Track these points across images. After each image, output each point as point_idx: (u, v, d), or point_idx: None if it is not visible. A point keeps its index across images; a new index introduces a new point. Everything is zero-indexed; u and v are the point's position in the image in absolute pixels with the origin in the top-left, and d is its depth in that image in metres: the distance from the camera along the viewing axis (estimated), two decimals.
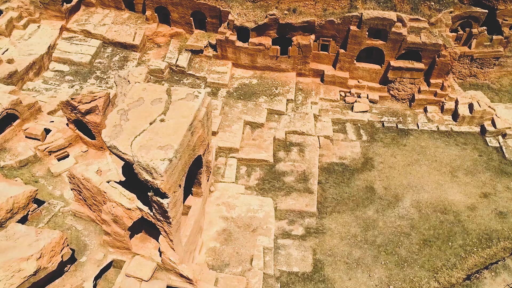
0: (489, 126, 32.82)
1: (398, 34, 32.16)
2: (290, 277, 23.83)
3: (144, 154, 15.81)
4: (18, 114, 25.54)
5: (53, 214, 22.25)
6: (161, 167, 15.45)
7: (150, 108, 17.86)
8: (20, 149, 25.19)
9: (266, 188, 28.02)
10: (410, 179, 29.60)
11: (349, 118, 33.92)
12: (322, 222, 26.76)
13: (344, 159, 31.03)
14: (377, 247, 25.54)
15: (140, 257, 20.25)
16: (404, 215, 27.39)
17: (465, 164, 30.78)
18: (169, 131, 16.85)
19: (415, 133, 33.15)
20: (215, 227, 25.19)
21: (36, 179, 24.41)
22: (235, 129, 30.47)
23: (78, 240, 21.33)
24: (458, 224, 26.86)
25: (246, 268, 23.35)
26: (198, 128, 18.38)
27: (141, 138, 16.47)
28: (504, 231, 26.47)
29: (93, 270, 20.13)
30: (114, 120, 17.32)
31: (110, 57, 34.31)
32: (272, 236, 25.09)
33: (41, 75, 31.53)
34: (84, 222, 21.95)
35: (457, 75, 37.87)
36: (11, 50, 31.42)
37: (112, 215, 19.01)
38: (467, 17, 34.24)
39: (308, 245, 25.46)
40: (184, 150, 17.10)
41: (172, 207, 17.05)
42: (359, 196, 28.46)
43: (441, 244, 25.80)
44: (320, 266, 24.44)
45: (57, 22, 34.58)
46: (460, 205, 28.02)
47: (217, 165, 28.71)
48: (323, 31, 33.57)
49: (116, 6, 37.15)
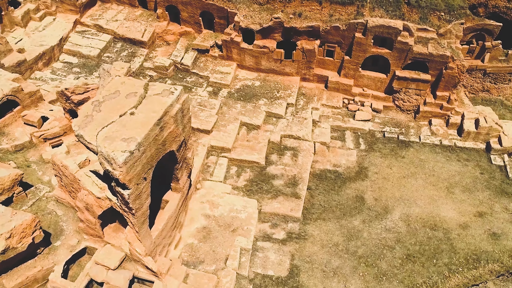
0: (495, 144, 31.51)
1: (404, 44, 31.47)
2: (264, 280, 23.72)
3: (107, 145, 16.26)
4: (18, 101, 26.76)
5: (37, 198, 23.19)
6: (120, 158, 15.84)
7: (124, 101, 18.33)
8: (18, 134, 26.39)
9: (254, 190, 28.04)
10: (403, 192, 28.84)
11: (350, 126, 33.41)
12: (305, 228, 26.50)
13: (338, 166, 30.61)
14: (358, 258, 25.03)
15: (110, 246, 20.78)
16: (391, 228, 26.72)
17: (464, 181, 29.68)
18: (136, 124, 17.25)
19: (416, 146, 32.28)
20: (196, 224, 25.44)
21: (29, 164, 25.49)
22: (230, 129, 30.67)
23: (56, 225, 22.13)
24: (446, 242, 25.94)
25: (219, 267, 23.45)
26: (169, 124, 18.69)
27: (108, 130, 16.93)
28: (494, 253, 25.34)
29: (66, 254, 20.84)
30: (87, 110, 17.90)
31: (118, 52, 35.34)
32: (251, 238, 25.09)
33: (50, 66, 32.89)
34: (65, 208, 22.74)
35: (468, 89, 36.61)
36: (25, 40, 32.96)
37: (85, 202, 19.61)
38: (479, 29, 33.10)
39: (287, 249, 25.27)
40: (150, 144, 17.43)
41: (134, 198, 17.41)
42: (347, 205, 28.00)
43: (425, 260, 24.99)
44: (296, 272, 24.19)
45: (71, 16, 35.99)
46: (451, 222, 27.04)
47: (208, 163, 29.00)
48: (329, 37, 33.30)
49: (130, 3, 38.24)
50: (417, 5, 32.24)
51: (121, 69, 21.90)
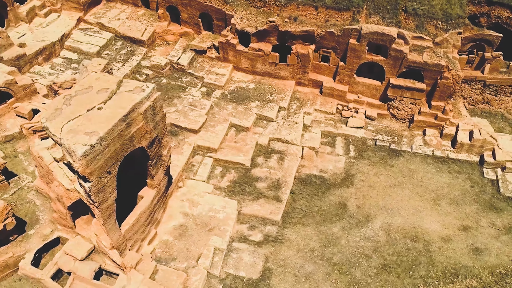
0: (488, 157, 30.72)
1: (398, 51, 31.08)
2: (235, 281, 23.78)
3: (69, 138, 16.72)
4: (12, 93, 27.71)
5: (19, 187, 23.97)
6: (80, 150, 16.26)
7: (94, 97, 18.78)
8: (9, 125, 27.35)
9: (236, 191, 28.17)
10: (388, 201, 28.44)
11: (341, 132, 33.16)
12: (283, 232, 26.44)
13: (324, 172, 30.43)
14: (332, 265, 24.80)
15: (80, 237, 21.26)
16: (371, 236, 26.37)
17: (452, 193, 29.04)
18: (101, 119, 17.67)
19: (407, 155, 31.78)
20: (174, 222, 25.74)
21: (16, 154, 26.37)
22: (218, 130, 30.92)
23: (33, 214, 22.81)
24: (425, 254, 25.43)
25: (191, 265, 23.66)
26: (138, 120, 19.04)
27: (73, 123, 17.40)
28: (474, 268, 24.68)
29: (38, 243, 21.45)
30: (57, 103, 18.44)
31: (118, 50, 36.14)
32: (226, 238, 25.21)
33: (50, 61, 33.91)
34: (43, 198, 23.42)
35: (468, 100, 35.79)
36: (28, 35, 34.11)
37: (56, 193, 20.16)
38: (479, 39, 32.36)
39: (262, 252, 25.26)
40: (114, 139, 17.81)
41: (97, 191, 17.81)
42: (329, 211, 27.79)
43: (401, 271, 24.56)
44: (268, 275, 24.16)
45: (75, 14, 37.04)
46: (434, 234, 26.49)
47: (192, 162, 29.31)
48: (324, 42, 33.21)
49: (134, 2, 39.08)
50: (414, 13, 31.83)
51: (98, 65, 22.45)
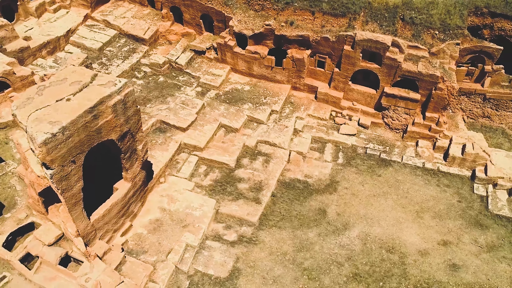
0: (480, 172, 29.82)
1: (392, 60, 30.71)
2: (203, 278, 24.00)
3: (33, 126, 17.45)
4: (9, 83, 29.00)
5: (4, 172, 25.04)
6: (40, 138, 16.94)
7: (66, 88, 19.51)
8: (4, 113, 28.59)
9: (216, 190, 28.44)
10: (369, 211, 28.04)
11: (332, 138, 32.92)
12: (258, 233, 26.49)
13: (309, 177, 30.30)
14: (302, 270, 24.66)
15: (51, 223, 22.02)
16: (346, 244, 26.07)
17: (438, 207, 28.35)
18: (67, 110, 18.34)
19: (396, 166, 31.25)
20: (150, 216, 26.24)
21: (7, 141, 27.55)
22: (206, 129, 31.32)
23: (12, 198, 23.77)
24: (400, 266, 24.93)
25: (160, 259, 24.05)
26: (106, 113, 19.62)
27: (40, 112, 18.14)
28: (448, 285, 24.01)
29: (12, 226, 22.33)
30: (30, 93, 19.26)
31: (120, 47, 37.18)
32: (199, 235, 25.49)
33: (54, 55, 35.23)
34: (24, 184, 24.36)
35: (467, 114, 34.85)
36: (35, 29, 35.60)
37: (29, 180, 21.00)
38: (478, 51, 31.53)
39: (234, 252, 25.38)
40: (79, 129, 18.42)
41: (59, 179, 18.45)
42: (307, 217, 27.65)
43: (371, 282, 24.16)
44: (236, 275, 24.26)
45: (83, 10, 38.38)
46: (411, 247, 25.93)
47: (177, 159, 29.79)
48: (319, 48, 33.16)
49: (140, 2, 40.14)
50: (411, 21, 31.38)
51: (77, 59, 23.28)
